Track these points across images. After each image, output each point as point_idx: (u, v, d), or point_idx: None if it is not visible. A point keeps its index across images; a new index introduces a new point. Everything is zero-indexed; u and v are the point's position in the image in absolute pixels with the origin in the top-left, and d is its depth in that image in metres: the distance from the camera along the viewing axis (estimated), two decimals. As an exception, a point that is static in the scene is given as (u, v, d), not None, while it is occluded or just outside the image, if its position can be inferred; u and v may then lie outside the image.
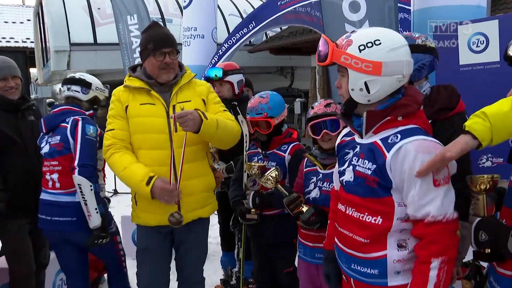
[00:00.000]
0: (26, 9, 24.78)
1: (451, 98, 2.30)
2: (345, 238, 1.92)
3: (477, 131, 1.50)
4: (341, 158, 1.99)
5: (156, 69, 2.78)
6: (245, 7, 17.40)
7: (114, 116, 2.81)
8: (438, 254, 1.67)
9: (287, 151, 3.07)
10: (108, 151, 2.75)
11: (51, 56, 14.74)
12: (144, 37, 2.84)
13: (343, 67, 1.79)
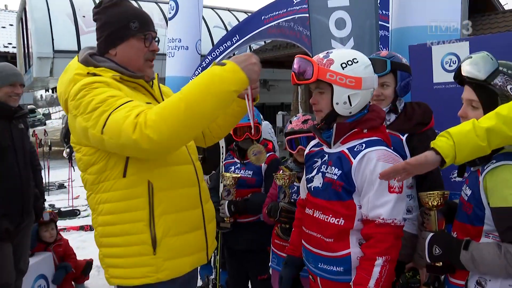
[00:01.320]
0: (8, 13, 24.60)
1: (424, 114, 2.48)
2: (312, 239, 2.06)
3: (440, 148, 1.61)
4: (310, 167, 2.15)
5: (140, 58, 2.02)
6: (230, 19, 17.61)
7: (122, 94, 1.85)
8: (383, 253, 1.83)
9: None
10: (140, 118, 1.68)
11: (33, 62, 14.69)
12: (117, 13, 2.00)
13: (324, 84, 1.94)
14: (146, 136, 1.65)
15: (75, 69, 1.93)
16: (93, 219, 2.02)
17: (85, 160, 1.93)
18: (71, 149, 8.89)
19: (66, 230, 6.83)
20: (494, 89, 1.69)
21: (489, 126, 1.56)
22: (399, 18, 3.62)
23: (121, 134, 1.69)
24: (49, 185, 10.23)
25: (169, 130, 1.67)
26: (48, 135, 12.80)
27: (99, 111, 1.75)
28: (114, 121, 1.71)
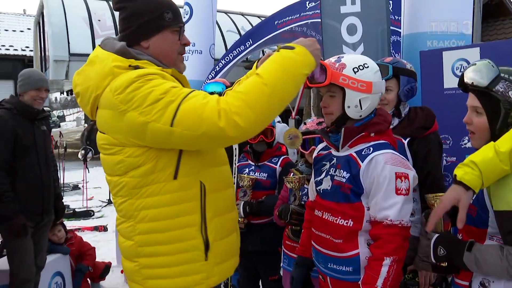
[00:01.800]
0: (26, 18, 24.95)
1: (427, 118, 2.54)
2: (322, 240, 2.11)
3: (468, 181, 1.64)
4: (318, 170, 2.21)
5: (175, 52, 1.91)
6: (243, 24, 17.68)
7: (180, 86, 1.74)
8: (391, 253, 1.88)
9: (278, 163, 3.26)
10: (221, 102, 1.60)
11: (50, 65, 14.89)
12: (150, 1, 1.86)
13: (335, 88, 2.00)
14: (234, 122, 1.55)
15: (112, 61, 1.73)
16: (128, 227, 1.82)
17: (129, 162, 1.72)
18: (86, 151, 9.05)
19: (81, 230, 6.95)
20: (496, 95, 1.73)
21: (509, 149, 1.61)
22: (411, 24, 3.67)
23: (202, 123, 1.57)
24: (64, 186, 10.39)
25: (256, 115, 1.59)
26: (63, 137, 12.99)
27: (164, 102, 1.60)
28: (190, 110, 1.58)
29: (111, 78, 1.71)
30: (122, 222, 1.87)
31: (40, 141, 3.70)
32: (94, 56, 1.82)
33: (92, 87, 1.76)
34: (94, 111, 1.83)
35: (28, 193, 3.56)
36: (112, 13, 15.48)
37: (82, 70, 1.85)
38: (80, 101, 1.87)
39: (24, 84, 3.66)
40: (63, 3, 15.49)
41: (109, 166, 1.81)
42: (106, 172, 1.88)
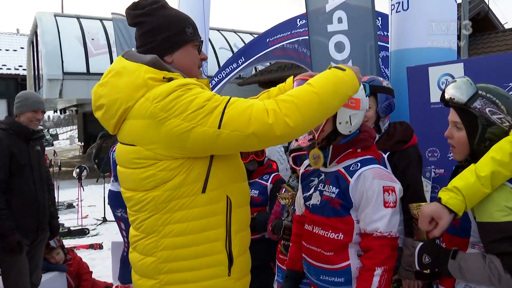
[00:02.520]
0: (20, 37, 25.09)
1: (405, 132, 2.63)
2: (313, 253, 2.16)
3: (453, 206, 1.74)
4: (306, 185, 2.27)
5: (196, 66, 1.93)
6: (235, 41, 17.87)
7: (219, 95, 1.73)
8: (382, 263, 1.95)
9: (269, 180, 3.33)
10: (270, 103, 1.66)
11: (43, 84, 14.96)
12: (172, 16, 1.86)
13: None
14: (283, 121, 1.61)
15: (145, 72, 1.71)
16: (150, 243, 1.77)
17: (161, 176, 1.69)
18: (80, 169, 9.07)
19: (76, 248, 6.94)
20: (474, 112, 1.81)
21: (489, 173, 1.69)
22: (398, 40, 3.77)
23: (250, 122, 1.60)
24: (58, 204, 10.38)
25: (303, 119, 1.65)
26: (57, 155, 12.98)
27: (208, 108, 1.61)
28: (237, 112, 1.62)
29: (145, 90, 1.69)
30: (141, 238, 1.81)
31: (34, 160, 3.79)
32: (121, 67, 1.76)
33: (122, 99, 1.71)
34: (119, 124, 1.78)
35: (23, 210, 3.63)
36: (105, 32, 15.62)
37: (106, 81, 1.78)
38: (104, 113, 1.79)
39: (21, 105, 3.77)
40: (57, 22, 15.63)
41: (135, 181, 1.76)
42: (128, 187, 1.82)
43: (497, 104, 1.80)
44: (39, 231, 3.77)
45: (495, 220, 1.68)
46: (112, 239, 6.14)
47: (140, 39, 1.85)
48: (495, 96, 1.82)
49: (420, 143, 2.80)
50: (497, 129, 1.79)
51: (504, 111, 1.79)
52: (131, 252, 1.90)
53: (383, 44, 4.86)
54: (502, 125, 1.78)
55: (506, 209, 1.68)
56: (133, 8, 1.85)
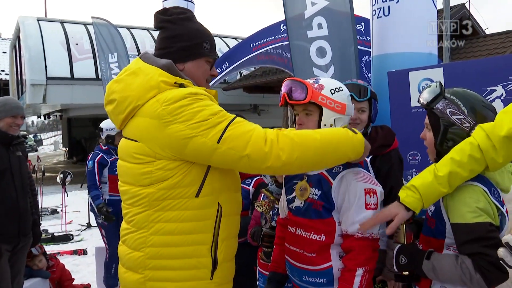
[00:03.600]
0: (2, 41, 24.86)
1: (387, 136, 2.68)
2: (296, 255, 2.19)
3: (409, 204, 1.82)
4: (289, 188, 2.28)
5: (204, 80, 2.04)
6: (220, 46, 17.89)
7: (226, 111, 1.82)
8: (363, 264, 1.98)
9: (251, 185, 3.33)
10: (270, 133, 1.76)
11: (27, 89, 14.82)
12: (194, 29, 1.99)
13: (313, 106, 2.09)
14: (277, 153, 1.70)
15: (159, 75, 1.83)
16: (139, 238, 1.85)
17: (158, 174, 1.77)
18: (64, 175, 9.00)
19: (60, 254, 6.88)
20: (436, 112, 1.90)
21: (446, 173, 1.76)
22: (379, 45, 3.82)
23: (248, 145, 1.69)
24: (42, 210, 10.27)
25: (298, 157, 1.73)
26: (41, 161, 12.85)
27: (212, 121, 1.71)
28: (238, 132, 1.71)
29: (157, 91, 1.80)
30: (130, 232, 1.89)
31: (15, 166, 3.74)
32: (136, 68, 1.89)
33: (132, 97, 1.83)
34: (127, 120, 1.88)
35: (4, 216, 3.58)
36: (89, 36, 15.55)
37: (121, 79, 1.91)
38: (114, 108, 1.90)
39: (3, 111, 3.71)
40: (40, 27, 15.52)
41: (133, 175, 1.85)
42: (125, 180, 1.91)
43: (458, 105, 1.87)
44: (21, 236, 3.73)
45: (467, 221, 1.72)
46: (96, 244, 6.10)
47: (160, 42, 1.98)
48: (458, 98, 1.89)
49: (401, 146, 2.85)
50: (458, 130, 1.86)
51: (465, 112, 1.86)
52: (121, 245, 1.97)
53: (366, 49, 4.92)
54: (462, 125, 1.86)
55: (477, 210, 1.72)
56: (162, 13, 1.99)
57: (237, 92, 16.50)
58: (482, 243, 1.68)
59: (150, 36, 17.51)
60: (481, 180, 1.80)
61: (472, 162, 1.74)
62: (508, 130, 1.67)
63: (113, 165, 5.21)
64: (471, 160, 1.74)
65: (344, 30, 3.65)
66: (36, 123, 57.13)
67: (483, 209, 1.73)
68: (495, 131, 1.70)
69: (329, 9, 3.67)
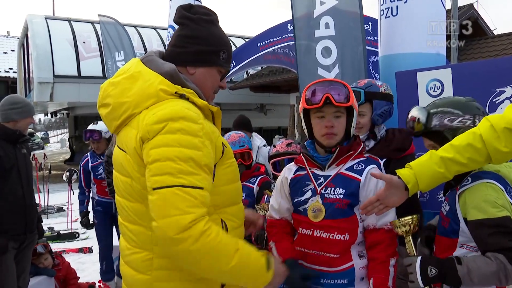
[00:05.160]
0: (10, 39, 24.98)
1: (404, 140, 2.61)
2: (314, 258, 2.14)
3: (402, 175, 1.84)
4: (299, 190, 2.23)
5: (212, 89, 1.87)
6: (228, 45, 17.88)
7: (204, 165, 1.59)
8: (394, 254, 2.05)
9: (255, 183, 3.33)
10: (196, 229, 1.50)
11: (34, 87, 14.90)
12: (215, 35, 1.83)
13: (343, 109, 2.12)
14: (186, 248, 1.48)
15: (159, 83, 1.66)
16: (144, 261, 1.69)
17: (145, 193, 1.59)
18: (71, 173, 9.02)
19: (66, 252, 6.90)
20: (436, 129, 1.95)
21: (444, 155, 1.77)
22: (387, 45, 3.80)
23: (163, 219, 1.48)
24: (48, 208, 10.32)
25: (200, 268, 1.55)
26: (48, 159, 12.90)
27: (170, 167, 1.51)
28: (170, 202, 1.49)
29: (155, 100, 1.65)
30: (134, 252, 1.73)
31: (21, 163, 3.77)
32: (136, 72, 1.72)
33: (129, 104, 1.68)
34: (121, 127, 1.73)
35: (10, 213, 3.60)
36: (97, 35, 15.59)
37: (118, 81, 1.73)
38: (109, 113, 1.75)
39: (23, 111, 3.78)
40: (48, 25, 15.59)
41: (126, 189, 1.72)
42: (122, 194, 1.76)
43: (449, 112, 1.93)
44: (27, 233, 3.75)
45: (490, 216, 1.74)
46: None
47: (177, 39, 1.81)
48: (445, 106, 1.96)
49: (409, 148, 2.82)
50: (464, 131, 1.86)
51: (459, 113, 1.92)
52: (123, 265, 1.82)
53: (373, 49, 4.89)
54: (465, 125, 1.90)
55: (499, 206, 1.75)
56: (186, 9, 1.82)
57: (244, 91, 16.49)
58: (510, 237, 1.70)
59: (157, 35, 17.55)
60: (497, 179, 1.83)
61: (471, 150, 1.74)
62: (509, 121, 1.68)
63: (95, 170, 5.28)
64: (470, 148, 1.74)
65: (352, 30, 3.63)
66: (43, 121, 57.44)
67: (503, 205, 1.76)
68: (500, 122, 1.70)
69: (338, 8, 3.65)
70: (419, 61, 3.61)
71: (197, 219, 1.50)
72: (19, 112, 3.76)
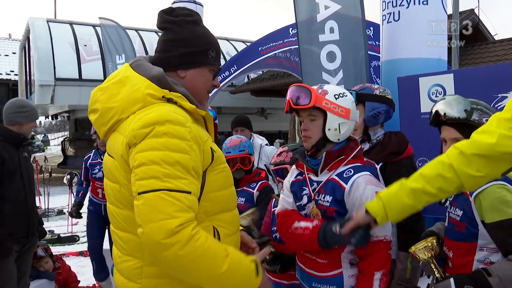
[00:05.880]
0: (12, 42, 25.00)
1: (400, 143, 2.61)
2: (308, 261, 2.18)
3: (371, 209, 1.83)
4: (297, 194, 2.26)
5: (205, 89, 1.84)
6: (228, 49, 17.93)
7: (191, 169, 1.55)
8: (380, 267, 1.99)
9: (255, 188, 3.32)
10: (184, 233, 1.46)
11: (35, 90, 14.89)
12: (200, 34, 1.81)
13: (317, 111, 2.10)
14: (175, 254, 1.43)
15: (146, 88, 1.64)
16: (135, 269, 1.66)
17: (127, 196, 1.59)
18: (71, 176, 9.02)
19: (66, 255, 6.88)
20: (474, 124, 1.90)
21: (414, 186, 1.76)
22: (388, 50, 3.81)
23: (149, 223, 1.44)
24: (49, 211, 10.31)
25: (184, 269, 1.49)
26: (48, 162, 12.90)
27: (156, 171, 1.48)
28: (156, 207, 1.45)
29: (142, 105, 1.62)
30: (125, 260, 1.70)
31: (24, 166, 3.78)
32: (124, 77, 1.71)
33: (117, 109, 1.66)
34: (110, 132, 1.71)
35: (14, 216, 3.61)
36: (98, 38, 15.61)
37: (107, 87, 1.72)
38: (97, 119, 1.73)
39: (30, 115, 3.82)
40: (49, 28, 15.60)
41: (115, 196, 1.69)
42: (112, 201, 1.73)
43: (489, 114, 1.90)
44: (29, 236, 3.76)
45: (509, 216, 1.75)
46: (104, 246, 6.09)
47: (162, 44, 1.80)
48: (484, 107, 1.94)
49: (410, 153, 2.81)
50: None
51: None
52: (116, 274, 1.78)
53: (375, 54, 4.90)
54: None
55: None
56: (167, 13, 1.80)
57: (245, 95, 16.51)
58: None
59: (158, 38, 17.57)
60: (508, 180, 1.84)
61: (440, 180, 1.72)
62: (478, 147, 1.66)
63: (92, 168, 5.34)
64: (440, 178, 1.72)
65: (355, 35, 3.64)
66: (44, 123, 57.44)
67: None
68: (469, 149, 1.68)
69: (341, 13, 3.66)
70: (421, 66, 3.62)
71: (185, 223, 1.45)
72: (25, 116, 3.79)
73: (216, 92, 6.64)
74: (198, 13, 1.86)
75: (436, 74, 3.21)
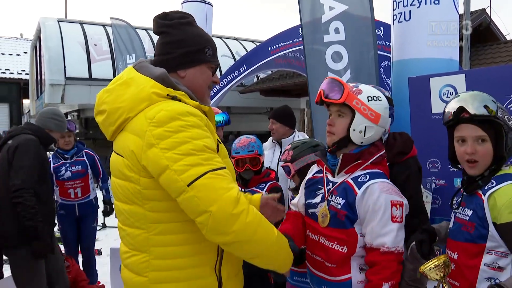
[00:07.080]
0: (23, 42, 25.19)
1: (405, 143, 2.58)
2: (317, 263, 2.15)
3: None
4: (312, 192, 2.23)
5: (206, 86, 1.94)
6: (238, 48, 17.90)
7: (215, 149, 1.74)
8: (389, 278, 1.92)
9: (264, 188, 3.31)
10: (243, 200, 1.65)
11: (45, 89, 14.98)
12: (195, 34, 1.90)
13: (346, 109, 2.07)
14: (244, 222, 1.60)
15: (151, 87, 1.73)
16: (142, 262, 1.75)
17: (146, 193, 1.70)
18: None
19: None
20: (499, 121, 1.86)
21: None
22: (399, 50, 3.77)
23: (216, 202, 1.56)
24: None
25: (256, 241, 1.66)
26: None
27: (194, 160, 1.60)
28: (212, 184, 1.59)
29: (148, 104, 1.71)
30: (132, 255, 1.79)
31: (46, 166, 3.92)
32: (129, 78, 1.79)
33: (123, 109, 1.74)
34: (117, 132, 1.80)
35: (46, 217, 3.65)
36: (108, 38, 15.68)
37: (112, 88, 1.81)
38: (104, 120, 1.82)
39: (60, 125, 4.08)
40: (60, 28, 15.68)
41: (124, 193, 1.76)
42: (120, 198, 1.81)
43: (507, 113, 1.89)
44: (53, 237, 3.84)
45: None
46: (111, 245, 6.10)
47: (160, 48, 1.90)
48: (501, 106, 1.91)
49: (421, 154, 2.77)
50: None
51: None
52: (123, 269, 1.87)
53: (385, 54, 4.87)
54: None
55: None
56: (162, 18, 1.89)
57: (254, 95, 16.48)
58: None
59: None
60: None
61: None
62: None
63: (57, 171, 5.10)
64: None
65: (363, 35, 3.61)
66: (54, 122, 57.78)
67: None
68: None
69: (348, 13, 3.64)
70: (432, 66, 3.58)
71: (238, 191, 1.63)
72: (57, 124, 3.98)
73: (225, 92, 6.64)
74: (191, 15, 1.96)
75: (447, 74, 3.16)
